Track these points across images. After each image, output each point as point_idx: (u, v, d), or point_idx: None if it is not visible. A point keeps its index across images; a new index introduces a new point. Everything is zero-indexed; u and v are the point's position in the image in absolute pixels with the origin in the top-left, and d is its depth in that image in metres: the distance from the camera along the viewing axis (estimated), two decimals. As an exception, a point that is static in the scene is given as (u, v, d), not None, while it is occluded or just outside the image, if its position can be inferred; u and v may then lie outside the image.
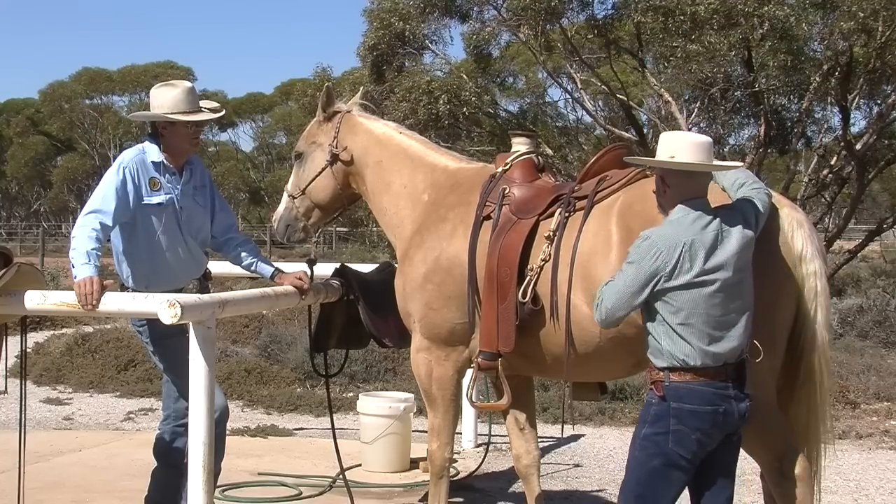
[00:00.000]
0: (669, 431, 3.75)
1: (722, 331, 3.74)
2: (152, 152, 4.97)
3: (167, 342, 4.96)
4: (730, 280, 3.73)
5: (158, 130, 5.01)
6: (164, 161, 4.97)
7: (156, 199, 4.92)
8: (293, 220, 5.47)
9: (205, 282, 5.22)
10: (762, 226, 3.92)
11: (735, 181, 4.05)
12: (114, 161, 5.06)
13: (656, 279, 3.71)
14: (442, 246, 4.81)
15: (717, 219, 3.78)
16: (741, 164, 4.57)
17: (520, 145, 5.00)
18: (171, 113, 4.91)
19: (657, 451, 3.79)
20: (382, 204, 5.28)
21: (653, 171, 4.08)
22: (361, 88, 6.51)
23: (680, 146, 3.85)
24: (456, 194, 4.96)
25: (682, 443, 3.76)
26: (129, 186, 4.85)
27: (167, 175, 4.97)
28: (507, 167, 4.88)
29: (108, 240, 4.89)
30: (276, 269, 5.26)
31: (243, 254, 5.23)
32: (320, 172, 5.36)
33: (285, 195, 5.51)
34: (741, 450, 4.07)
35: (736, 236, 3.77)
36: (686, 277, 3.70)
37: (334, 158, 5.32)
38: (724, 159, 18.47)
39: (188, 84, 5.06)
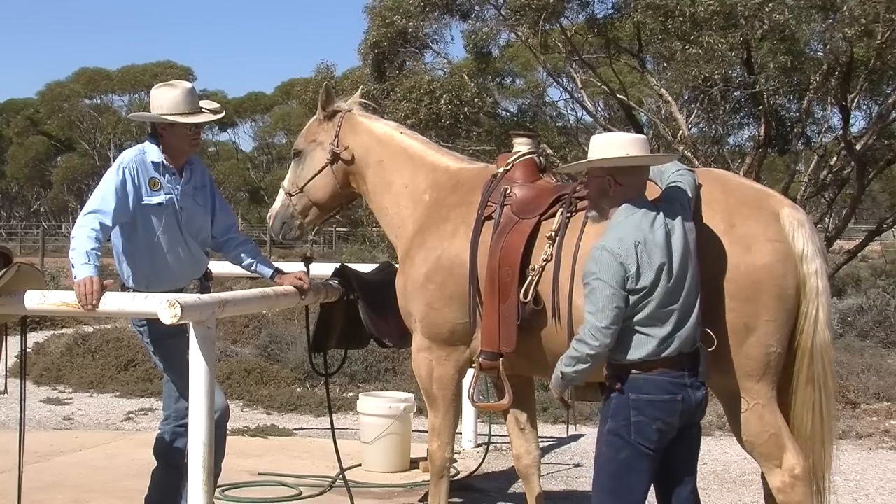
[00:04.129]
0: (630, 423, 3.80)
1: (676, 322, 3.79)
2: (152, 152, 4.97)
3: (167, 342, 4.96)
4: (680, 272, 3.79)
5: (158, 131, 5.01)
6: (164, 161, 4.96)
7: (156, 199, 4.91)
8: (289, 217, 5.45)
9: (205, 282, 5.22)
10: (693, 206, 4.02)
11: (661, 169, 4.14)
12: (114, 161, 5.06)
13: (627, 282, 3.74)
14: (443, 246, 4.81)
15: (661, 214, 3.84)
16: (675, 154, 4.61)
17: (521, 145, 5.00)
18: (170, 114, 4.90)
19: (622, 443, 3.83)
20: (383, 204, 5.27)
21: (586, 175, 4.07)
22: (361, 87, 6.51)
23: (627, 143, 3.90)
24: (457, 194, 4.95)
25: (643, 433, 3.81)
26: (129, 186, 4.85)
27: (167, 175, 4.96)
28: (509, 167, 4.88)
29: (108, 240, 4.89)
30: (276, 269, 5.26)
31: (243, 254, 5.23)
32: (320, 171, 5.35)
33: (282, 192, 5.49)
34: (741, 450, 4.07)
35: (680, 228, 3.84)
36: (648, 277, 3.74)
37: (335, 157, 5.31)
38: (724, 159, 18.36)
39: (188, 85, 5.05)
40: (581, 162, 4.07)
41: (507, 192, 4.76)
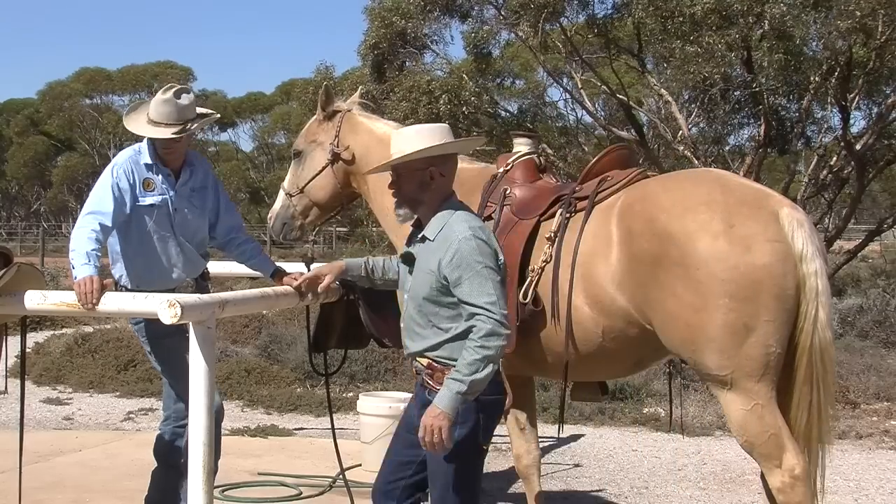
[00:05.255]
0: (480, 426, 3.73)
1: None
2: (146, 154, 4.98)
3: (164, 342, 4.96)
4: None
5: None
6: (158, 163, 4.97)
7: (149, 200, 4.92)
8: (289, 218, 5.46)
9: (203, 282, 5.22)
10: None
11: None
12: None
13: (499, 266, 3.70)
14: (443, 246, 4.80)
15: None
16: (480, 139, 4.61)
17: (521, 146, 5.00)
18: (140, 125, 4.90)
19: (471, 447, 3.72)
20: (384, 204, 5.27)
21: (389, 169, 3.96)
22: (360, 88, 6.51)
23: (438, 132, 3.84)
24: (458, 194, 4.94)
25: (488, 434, 3.79)
26: (125, 186, 4.85)
27: (161, 176, 4.96)
28: (509, 168, 4.88)
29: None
30: (277, 268, 5.26)
31: (244, 253, 5.23)
32: (320, 171, 5.35)
33: (282, 193, 5.49)
34: (741, 450, 4.08)
35: None
36: (502, 269, 3.71)
37: (335, 157, 5.32)
38: (724, 159, 18.31)
39: (167, 96, 4.90)
40: (404, 155, 3.81)
41: (507, 192, 4.76)
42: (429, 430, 3.53)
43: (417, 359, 3.79)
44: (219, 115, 5.28)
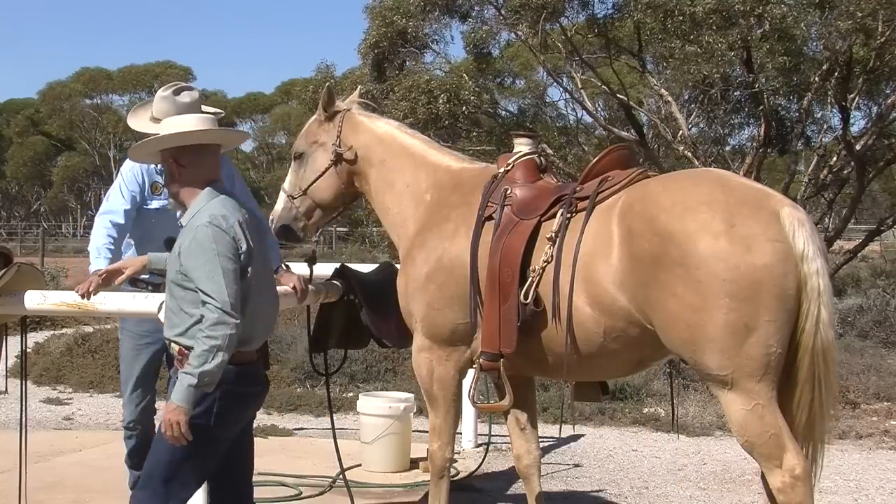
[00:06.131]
0: (213, 413, 3.78)
1: (260, 316, 3.87)
2: None
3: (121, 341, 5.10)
4: (258, 269, 3.85)
5: None
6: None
7: (154, 204, 4.96)
8: (292, 220, 5.40)
9: None
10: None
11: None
12: (117, 161, 5.16)
13: (241, 258, 3.75)
14: (444, 246, 4.81)
15: (238, 202, 3.91)
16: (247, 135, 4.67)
17: (522, 146, 4.99)
18: (141, 121, 4.99)
19: (203, 433, 3.75)
20: (386, 203, 5.27)
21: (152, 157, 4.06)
22: (359, 87, 6.50)
23: (188, 122, 3.91)
24: (459, 194, 4.95)
25: (225, 424, 3.82)
26: (134, 188, 5.00)
27: None
28: (510, 168, 4.87)
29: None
30: (282, 264, 5.27)
31: None
32: (324, 172, 5.31)
33: (282, 195, 5.44)
34: (741, 450, 4.08)
35: (256, 227, 3.91)
36: (249, 258, 3.77)
37: (338, 158, 5.30)
38: (724, 159, 18.31)
39: (167, 93, 4.94)
40: (140, 142, 3.99)
41: (508, 192, 4.75)
42: (167, 424, 3.64)
43: (172, 344, 3.87)
44: (223, 113, 5.30)
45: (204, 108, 5.06)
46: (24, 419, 4.94)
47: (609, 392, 5.20)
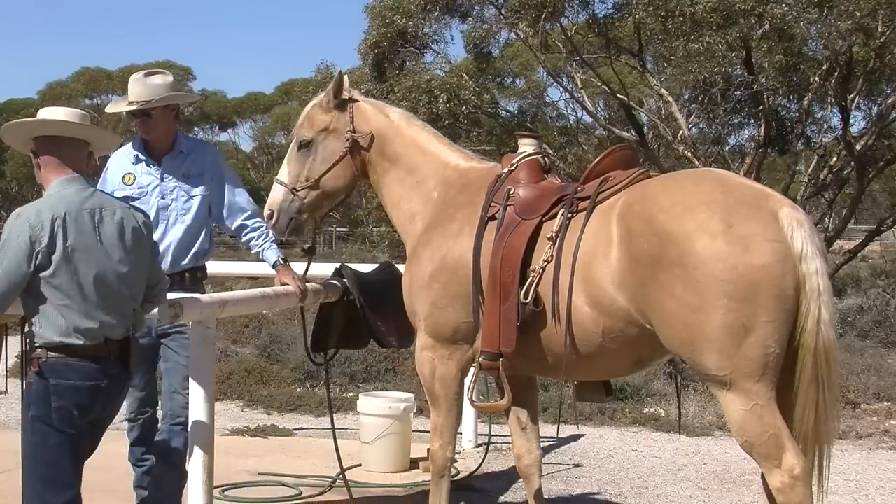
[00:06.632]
0: (52, 409, 3.84)
1: (103, 310, 3.85)
2: (134, 145, 5.10)
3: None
4: (112, 264, 3.85)
5: None
6: (145, 153, 5.05)
7: (122, 193, 4.92)
8: (296, 212, 5.19)
9: (195, 279, 5.21)
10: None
11: None
12: None
13: (35, 253, 3.76)
14: (448, 245, 4.80)
15: (96, 198, 3.92)
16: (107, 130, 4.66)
17: (526, 146, 4.98)
18: (116, 105, 5.21)
19: (47, 430, 3.86)
20: (392, 195, 5.22)
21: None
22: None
23: (59, 114, 3.95)
24: (465, 194, 4.93)
25: (65, 419, 3.87)
26: (109, 178, 5.09)
27: (146, 167, 5.06)
28: (514, 167, 4.87)
29: None
30: (279, 259, 5.26)
31: (253, 240, 5.29)
32: (339, 160, 5.15)
33: (279, 188, 5.24)
34: (741, 450, 4.07)
35: (118, 224, 3.91)
36: (59, 253, 3.77)
37: (354, 144, 5.21)
38: (724, 159, 18.32)
39: (138, 76, 5.05)
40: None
41: (511, 192, 4.75)
42: None
43: None
44: (199, 97, 5.41)
45: (179, 93, 5.23)
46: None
47: (613, 393, 5.18)
